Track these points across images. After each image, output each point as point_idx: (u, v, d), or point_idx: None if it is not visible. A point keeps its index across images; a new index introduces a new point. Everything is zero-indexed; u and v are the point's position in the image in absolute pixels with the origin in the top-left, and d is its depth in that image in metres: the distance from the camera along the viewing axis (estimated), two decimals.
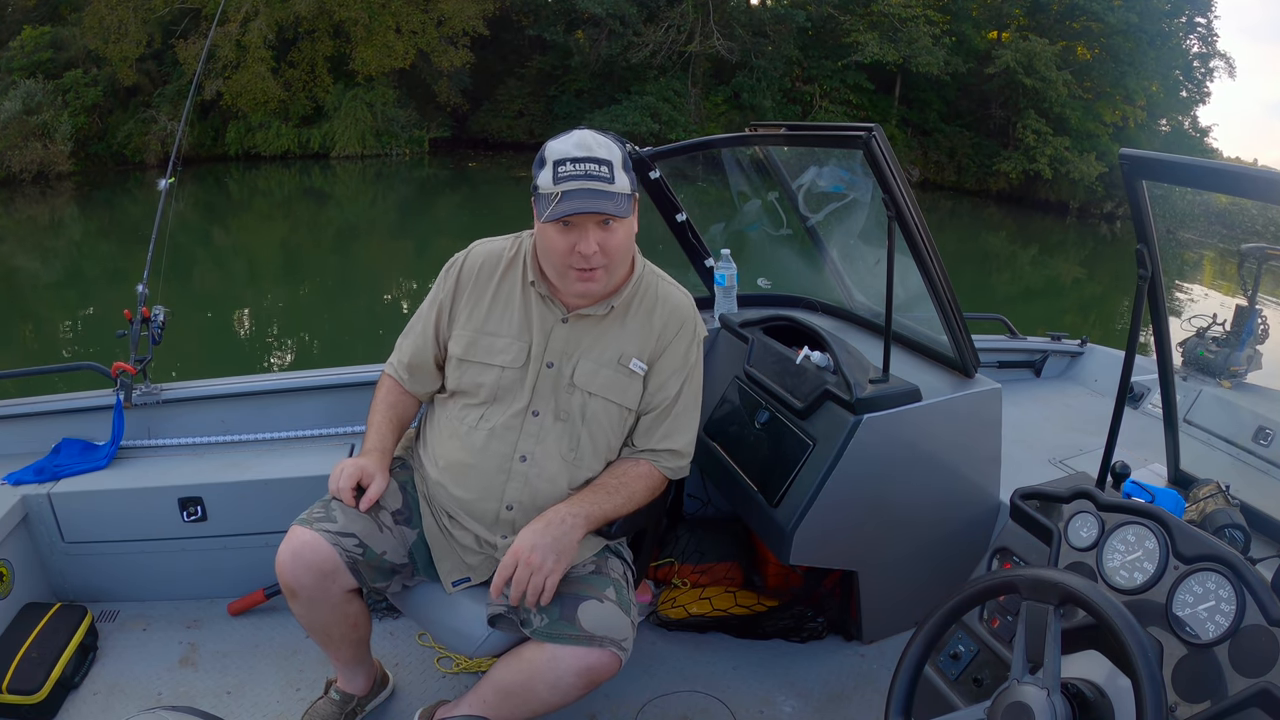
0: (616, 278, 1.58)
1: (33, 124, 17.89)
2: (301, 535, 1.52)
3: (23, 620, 2.00)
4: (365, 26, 21.44)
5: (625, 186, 1.48)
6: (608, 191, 1.44)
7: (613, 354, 1.60)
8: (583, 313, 1.59)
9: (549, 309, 1.60)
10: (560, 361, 1.58)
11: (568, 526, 1.49)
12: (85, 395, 2.35)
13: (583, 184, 1.42)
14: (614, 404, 1.60)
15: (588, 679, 1.45)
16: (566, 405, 1.58)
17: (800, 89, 24.07)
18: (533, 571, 1.44)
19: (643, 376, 1.62)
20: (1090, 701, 1.19)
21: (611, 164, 1.46)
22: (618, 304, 1.60)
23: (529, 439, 1.57)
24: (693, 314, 1.68)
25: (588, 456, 1.60)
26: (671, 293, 1.67)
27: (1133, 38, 22.14)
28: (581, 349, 1.59)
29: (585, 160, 1.44)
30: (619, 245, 1.50)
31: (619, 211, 1.45)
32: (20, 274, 11.95)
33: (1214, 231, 13.22)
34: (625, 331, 1.61)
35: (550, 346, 1.58)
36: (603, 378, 1.59)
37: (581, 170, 1.43)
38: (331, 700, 1.80)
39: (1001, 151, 22.77)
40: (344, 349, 8.84)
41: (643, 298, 1.63)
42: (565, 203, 1.43)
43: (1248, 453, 2.27)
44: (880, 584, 2.05)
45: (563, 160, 1.44)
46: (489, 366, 1.59)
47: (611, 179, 1.45)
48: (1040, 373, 3.31)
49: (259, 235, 15.78)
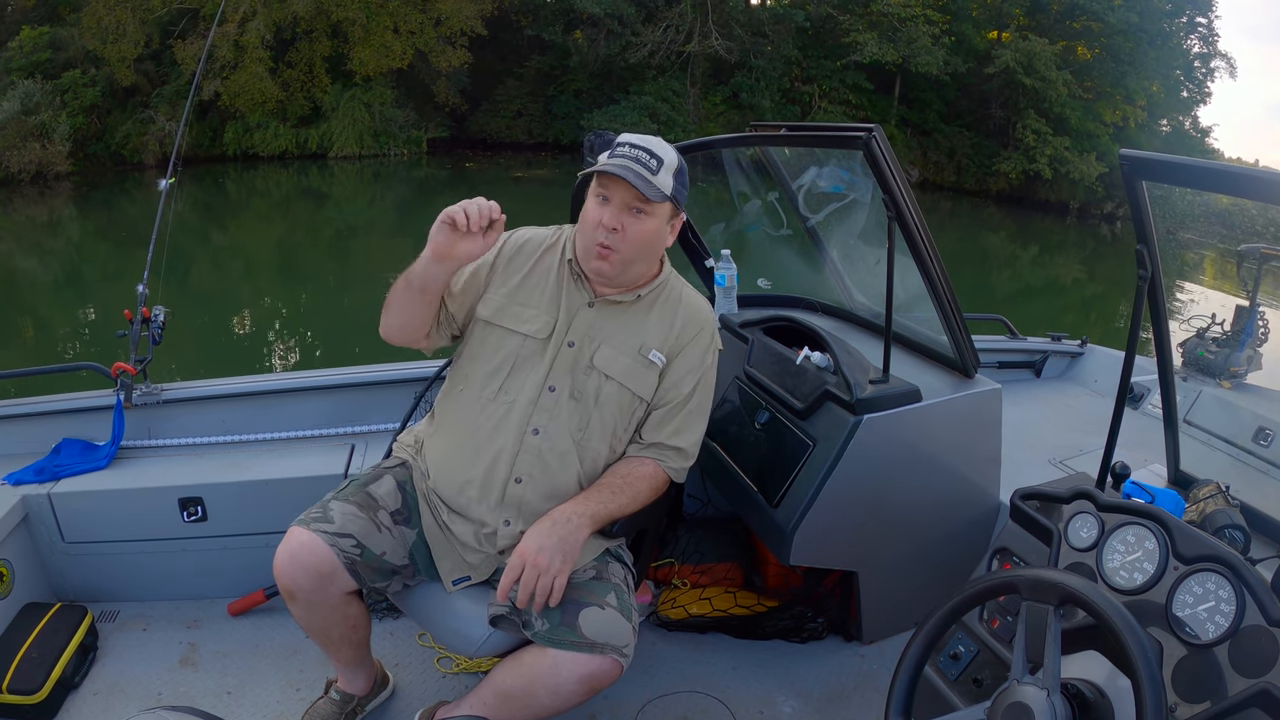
0: (632, 272, 1.62)
1: (31, 124, 17.87)
2: (299, 536, 1.53)
3: (23, 620, 2.00)
4: (363, 27, 21.42)
5: (666, 185, 1.55)
6: (646, 176, 1.52)
7: (635, 343, 1.63)
8: (610, 299, 1.63)
9: (579, 290, 1.64)
10: (582, 343, 1.61)
11: (573, 526, 1.50)
12: (85, 395, 2.35)
13: (628, 163, 1.52)
14: (629, 391, 1.63)
15: (588, 685, 1.45)
16: (583, 386, 1.61)
17: (799, 89, 24.07)
18: (540, 573, 1.45)
19: (660, 369, 1.65)
20: (1090, 702, 1.19)
21: (662, 161, 1.55)
22: (645, 295, 1.65)
23: (543, 413, 1.59)
24: (713, 322, 1.73)
25: (595, 439, 1.62)
26: (696, 298, 1.73)
27: (1133, 37, 22.13)
28: (605, 334, 1.63)
29: (641, 149, 1.55)
30: (641, 235, 1.56)
31: (649, 194, 1.51)
32: (19, 274, 11.94)
33: (1214, 232, 13.22)
34: (649, 323, 1.65)
35: (575, 326, 1.62)
36: (622, 364, 1.62)
37: (633, 155, 1.54)
38: (331, 700, 1.80)
39: (1001, 152, 22.76)
40: (344, 349, 8.83)
41: (668, 297, 1.69)
42: (605, 166, 1.52)
43: (1248, 453, 2.27)
44: (880, 584, 2.05)
45: (624, 143, 1.56)
46: (513, 333, 1.62)
47: (655, 171, 1.53)
48: (1040, 373, 3.32)
49: (258, 235, 15.77)
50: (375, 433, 2.47)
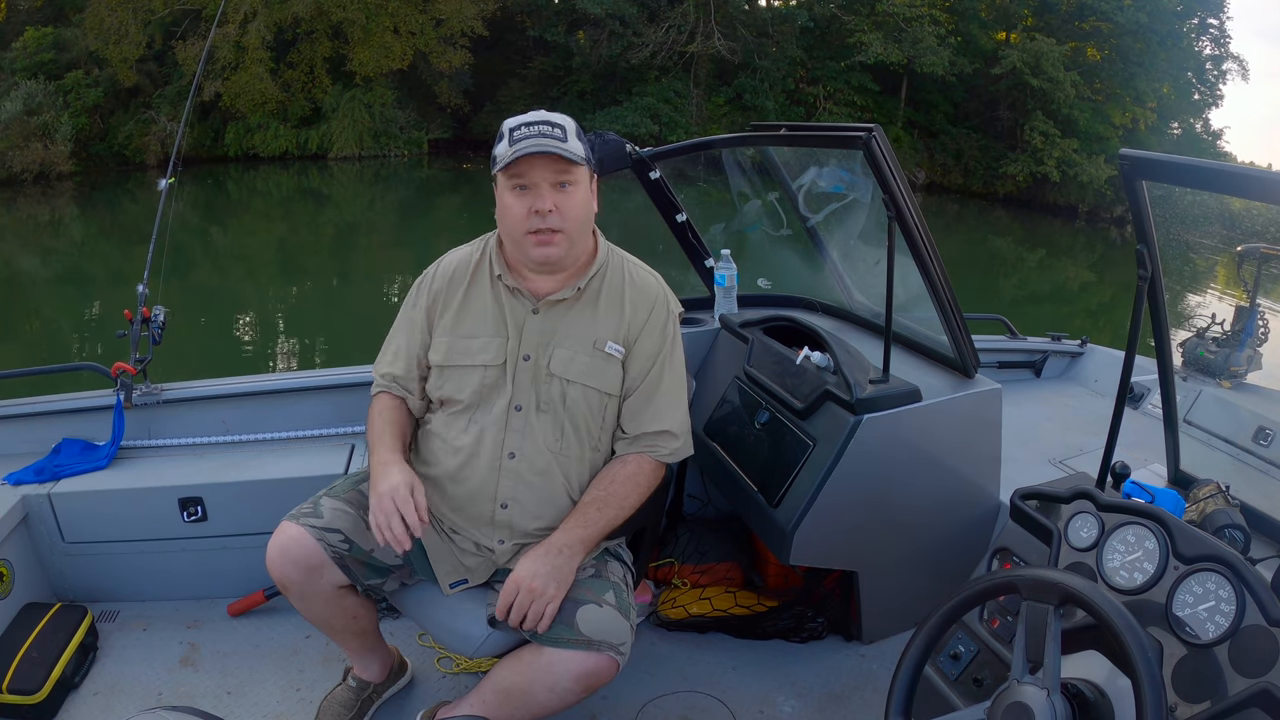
0: (579, 249, 1.57)
1: (34, 124, 17.93)
2: (288, 530, 1.54)
3: (23, 620, 2.00)
4: (363, 27, 21.46)
5: (579, 150, 1.50)
6: (561, 145, 1.47)
7: (587, 339, 1.59)
8: (552, 299, 1.57)
9: (519, 301, 1.59)
10: (536, 353, 1.57)
11: (565, 556, 1.50)
12: (85, 395, 2.35)
13: (536, 141, 1.46)
14: (593, 389, 1.59)
15: (585, 683, 1.46)
16: (547, 395, 1.57)
17: (804, 90, 24.03)
18: (534, 598, 1.45)
19: (621, 360, 1.61)
20: (1090, 701, 1.19)
21: (565, 129, 1.49)
22: (585, 286, 1.59)
23: (515, 435, 1.57)
24: (663, 292, 1.67)
25: (574, 445, 1.59)
26: (639, 274, 1.67)
27: (1143, 38, 22.03)
28: (556, 337, 1.58)
29: (539, 124, 1.48)
30: (576, 207, 1.51)
31: (574, 157, 1.47)
32: (21, 274, 11.96)
33: (1214, 233, 13.16)
34: (598, 316, 1.60)
35: (525, 339, 1.58)
36: (579, 364, 1.58)
37: (535, 130, 1.47)
38: (349, 687, 1.82)
39: (1009, 154, 22.64)
40: (344, 349, 8.84)
41: (611, 281, 1.63)
42: (518, 151, 1.45)
43: (1248, 453, 2.27)
44: (880, 584, 2.05)
45: (517, 126, 1.49)
46: (470, 369, 1.58)
47: (565, 139, 1.48)
48: (1040, 373, 3.32)
49: (258, 236, 15.80)
50: None
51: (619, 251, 1.69)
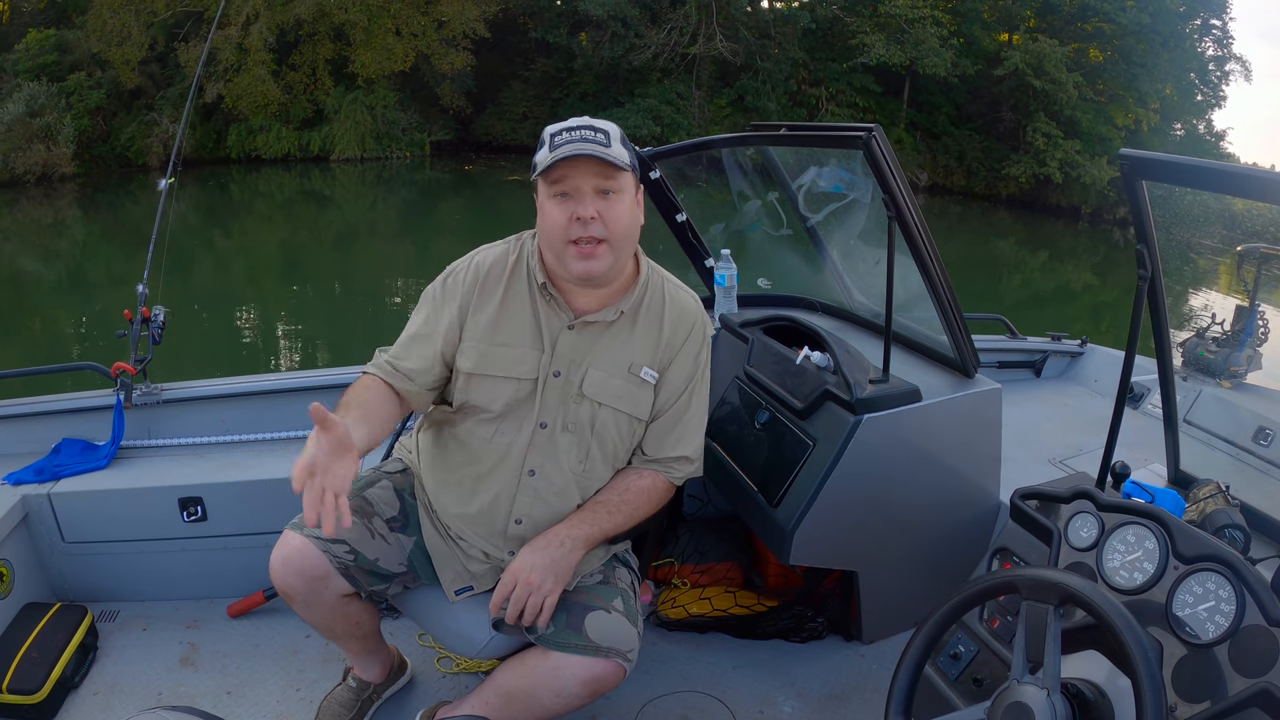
0: (622, 264, 1.50)
1: (37, 126, 17.99)
2: (291, 541, 1.50)
3: (23, 620, 2.00)
4: (364, 29, 21.50)
5: (624, 156, 1.43)
6: (604, 150, 1.40)
7: (623, 362, 1.54)
8: (590, 319, 1.51)
9: (556, 313, 1.52)
10: (568, 370, 1.51)
11: (566, 549, 1.48)
12: (85, 395, 2.36)
13: (578, 145, 1.39)
14: (624, 414, 1.54)
15: (592, 689, 1.45)
16: (575, 416, 1.52)
17: (806, 91, 24.04)
18: (531, 591, 1.44)
19: (654, 385, 1.57)
20: (1090, 701, 1.19)
21: (609, 134, 1.43)
22: (626, 309, 1.53)
23: (537, 452, 1.52)
24: (701, 316, 1.63)
25: (598, 467, 1.56)
26: (679, 295, 1.62)
27: (1145, 39, 22.00)
28: (591, 357, 1.52)
29: (581, 128, 1.42)
30: (620, 217, 1.44)
31: (618, 162, 1.41)
32: (23, 275, 11.98)
33: (1215, 233, 13.15)
34: (635, 339, 1.55)
35: (558, 354, 1.51)
36: (613, 387, 1.53)
37: (577, 135, 1.41)
38: (349, 687, 1.81)
39: (1011, 155, 22.61)
40: (345, 350, 8.85)
41: (650, 303, 1.57)
42: (559, 154, 1.39)
43: (1248, 453, 2.26)
44: (880, 584, 2.05)
45: (559, 131, 1.43)
46: (505, 380, 1.51)
47: (608, 144, 1.41)
48: (1040, 373, 3.31)
49: (260, 237, 15.83)
50: None
51: (659, 270, 1.63)
